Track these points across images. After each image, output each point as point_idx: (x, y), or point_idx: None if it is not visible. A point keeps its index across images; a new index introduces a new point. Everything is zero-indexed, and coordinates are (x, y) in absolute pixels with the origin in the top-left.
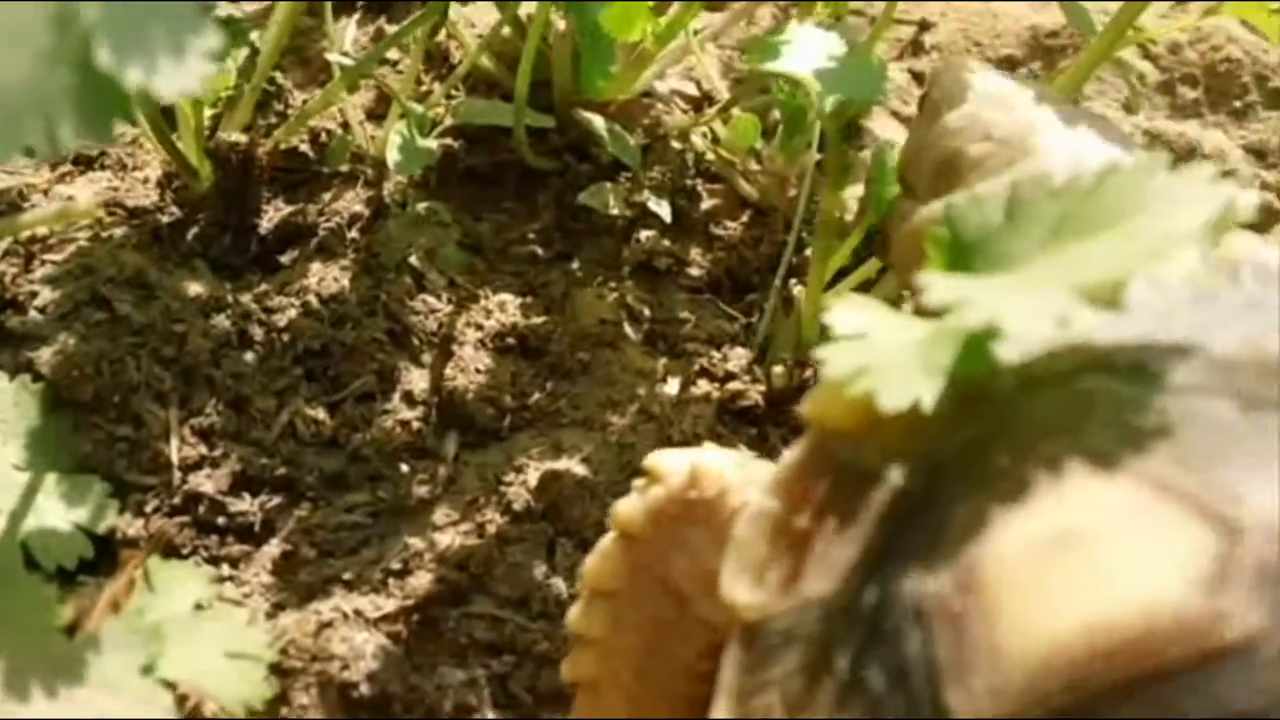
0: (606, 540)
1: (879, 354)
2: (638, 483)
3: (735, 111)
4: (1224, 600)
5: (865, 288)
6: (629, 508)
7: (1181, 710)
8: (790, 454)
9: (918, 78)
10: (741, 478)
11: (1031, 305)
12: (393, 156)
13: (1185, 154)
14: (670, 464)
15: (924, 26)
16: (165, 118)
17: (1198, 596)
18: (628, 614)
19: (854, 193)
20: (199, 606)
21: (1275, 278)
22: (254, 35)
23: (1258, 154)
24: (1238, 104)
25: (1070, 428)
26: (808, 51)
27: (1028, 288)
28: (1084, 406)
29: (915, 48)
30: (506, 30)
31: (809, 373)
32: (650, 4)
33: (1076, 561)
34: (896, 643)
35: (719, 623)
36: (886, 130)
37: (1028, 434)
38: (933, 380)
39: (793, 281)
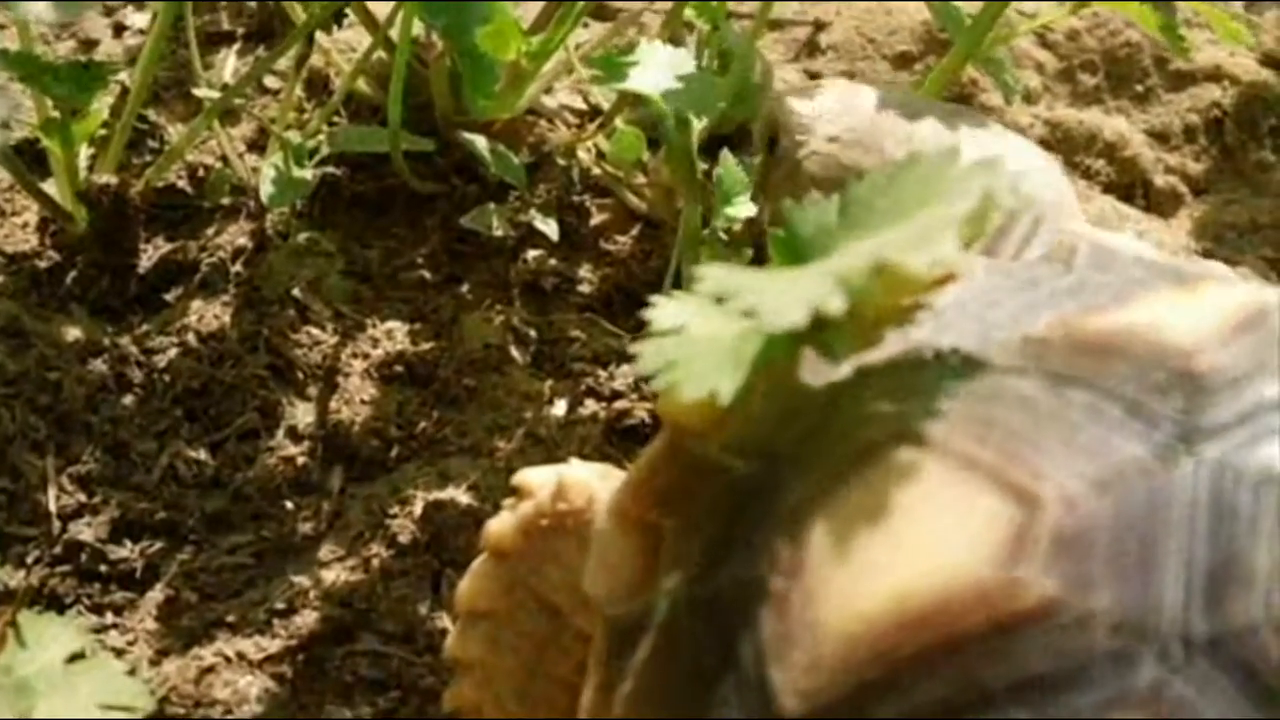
0: (479, 561)
1: (688, 349)
2: (507, 502)
3: (619, 125)
4: (1020, 569)
5: None
6: (500, 525)
7: (983, 674)
8: (644, 451)
9: (815, 78)
10: (606, 488)
11: (789, 294)
12: (265, 189)
13: (1086, 141)
14: (537, 478)
15: (819, 26)
16: (39, 161)
17: (994, 566)
18: (505, 634)
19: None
20: (74, 658)
21: (1108, 261)
22: (125, 75)
23: (1160, 138)
24: (1139, 88)
25: (888, 414)
26: (654, 69)
27: (795, 278)
28: (903, 393)
29: (811, 48)
30: (383, 54)
31: None
32: (525, 22)
33: (884, 538)
34: (729, 626)
35: (592, 631)
36: None
37: (851, 422)
38: (733, 373)
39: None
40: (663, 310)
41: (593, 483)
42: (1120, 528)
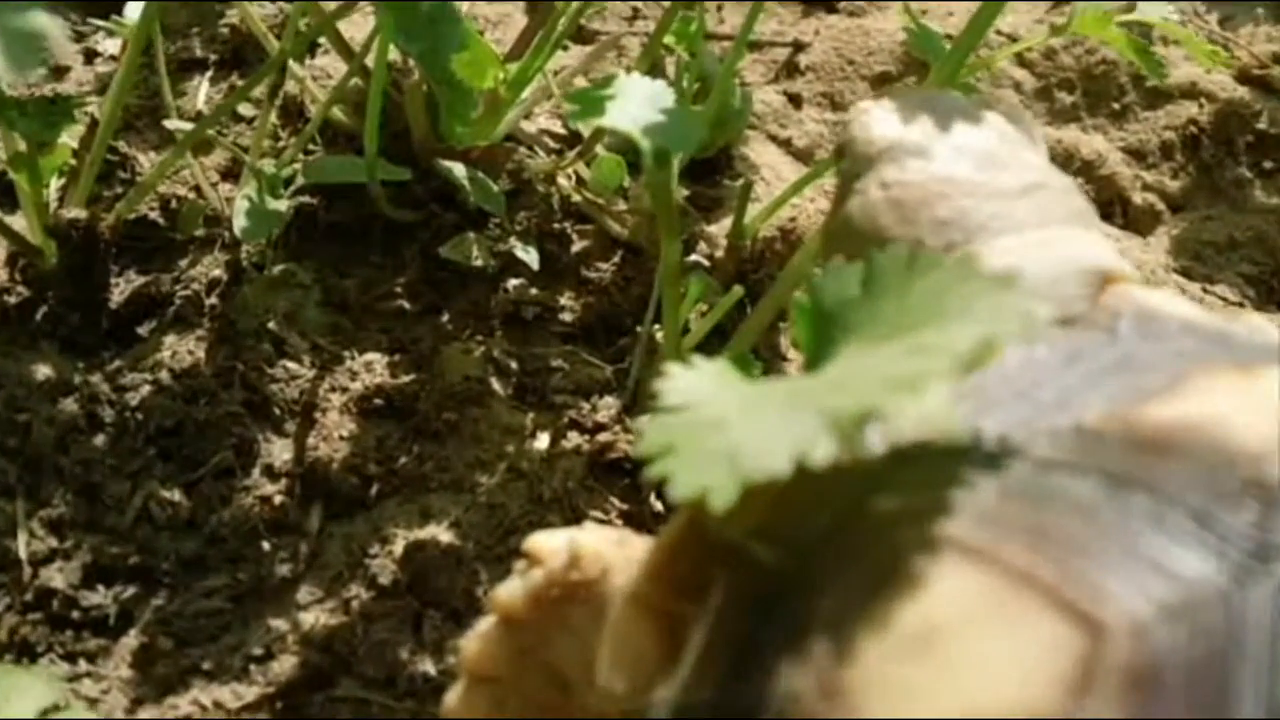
0: (486, 624)
1: (690, 435)
2: (517, 565)
3: (600, 151)
4: (1088, 705)
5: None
6: (509, 592)
7: None
8: (663, 532)
9: (794, 100)
10: (622, 556)
11: (774, 434)
12: (239, 222)
13: (1064, 160)
14: (550, 545)
15: (798, 47)
16: (6, 194)
17: (1061, 701)
18: (510, 700)
19: (725, 225)
20: (50, 710)
21: (1154, 328)
22: (94, 106)
23: (1137, 155)
24: (1115, 106)
25: (930, 510)
26: (633, 104)
27: (787, 408)
28: (945, 486)
29: (790, 69)
30: (359, 82)
31: None
32: (504, 46)
33: (936, 662)
34: None
35: (604, 710)
36: (763, 155)
37: (889, 517)
38: (729, 476)
39: (656, 327)
40: (674, 381)
41: (607, 552)
42: (1193, 660)
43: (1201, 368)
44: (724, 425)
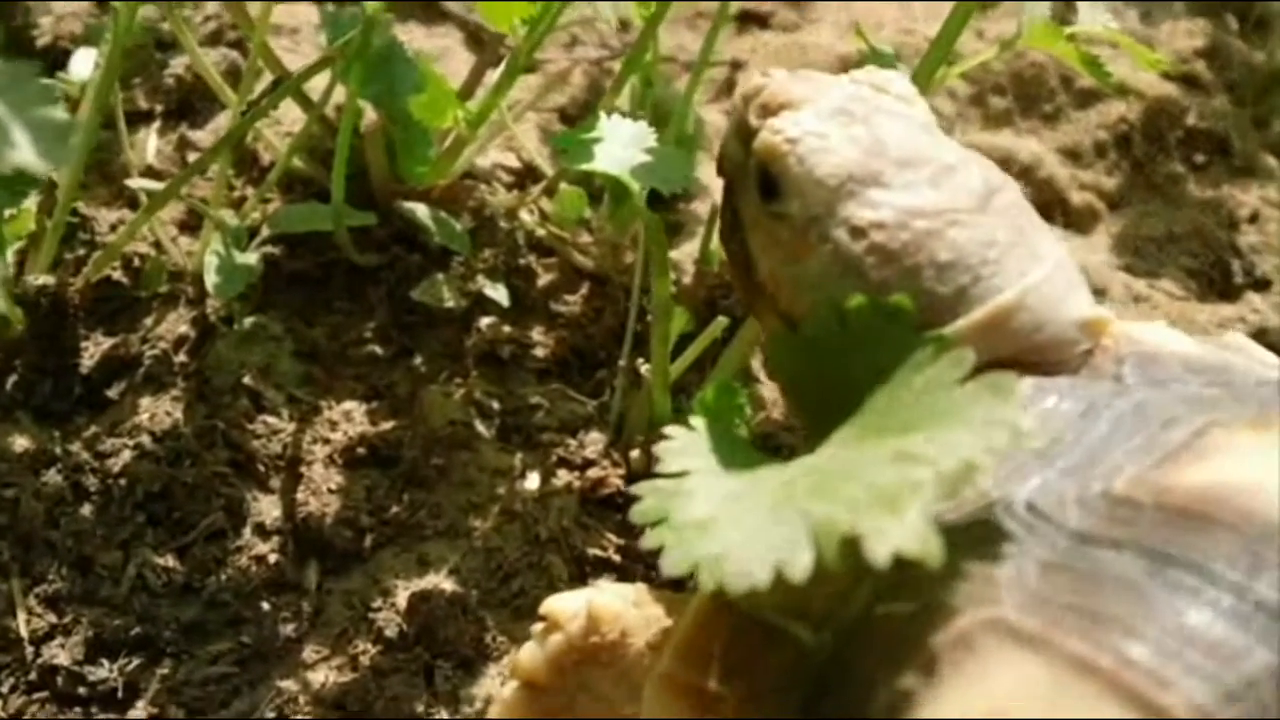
0: (510, 690)
1: (685, 504)
2: (535, 628)
3: (561, 184)
4: None
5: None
6: (530, 657)
7: None
8: (690, 609)
9: None
10: (640, 616)
11: (756, 544)
12: (211, 279)
13: (1001, 164)
14: (567, 608)
15: (736, 66)
16: None
17: None
18: None
19: (688, 251)
20: None
21: (1158, 371)
22: None
23: (1072, 155)
24: (1048, 108)
25: (972, 591)
26: (619, 146)
27: (772, 511)
28: (981, 558)
29: (730, 88)
30: (315, 127)
31: None
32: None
33: None
34: None
35: None
36: (711, 176)
37: (930, 596)
38: (719, 560)
39: (640, 361)
40: (672, 445)
41: (625, 613)
42: None
43: (1216, 422)
44: (711, 526)
